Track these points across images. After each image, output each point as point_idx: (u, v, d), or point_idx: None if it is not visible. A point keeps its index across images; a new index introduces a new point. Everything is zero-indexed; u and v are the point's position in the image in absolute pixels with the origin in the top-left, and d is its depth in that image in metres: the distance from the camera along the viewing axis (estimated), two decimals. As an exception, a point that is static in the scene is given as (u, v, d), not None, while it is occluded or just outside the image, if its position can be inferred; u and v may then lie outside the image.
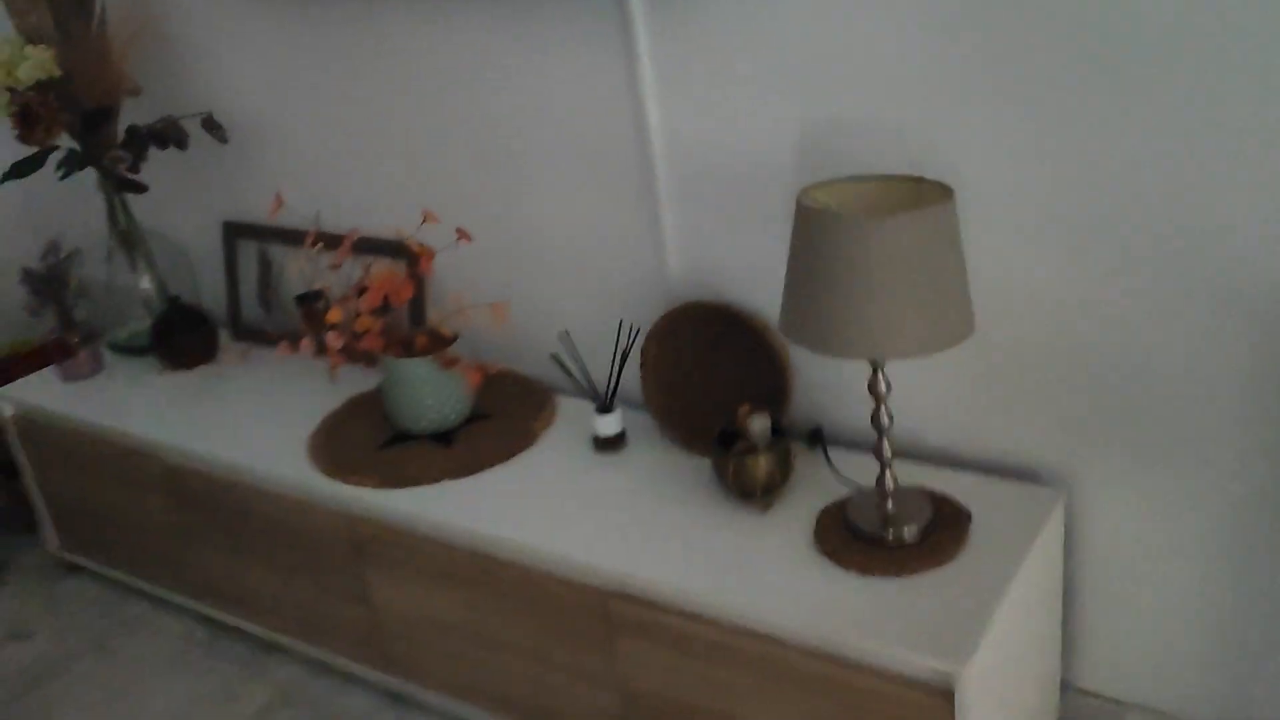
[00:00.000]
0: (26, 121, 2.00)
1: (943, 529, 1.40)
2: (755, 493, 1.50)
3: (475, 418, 1.82)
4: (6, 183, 2.07)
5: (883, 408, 1.36)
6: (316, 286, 2.14)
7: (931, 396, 1.56)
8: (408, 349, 1.79)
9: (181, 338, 2.12)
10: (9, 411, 2.17)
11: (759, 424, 1.51)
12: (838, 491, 1.52)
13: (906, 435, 1.60)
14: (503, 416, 1.82)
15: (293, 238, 2.13)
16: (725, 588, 1.36)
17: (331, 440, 1.81)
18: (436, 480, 1.67)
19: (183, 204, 2.32)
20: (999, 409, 1.51)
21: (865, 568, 1.35)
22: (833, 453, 1.61)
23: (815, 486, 1.54)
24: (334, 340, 1.75)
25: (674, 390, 1.70)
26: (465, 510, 1.60)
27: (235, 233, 2.25)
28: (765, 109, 1.52)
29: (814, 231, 1.23)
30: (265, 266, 2.22)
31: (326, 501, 1.71)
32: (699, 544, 1.45)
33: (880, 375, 1.35)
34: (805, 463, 1.59)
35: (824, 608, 1.30)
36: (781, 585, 1.35)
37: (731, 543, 1.45)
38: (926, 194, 1.29)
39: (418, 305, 1.98)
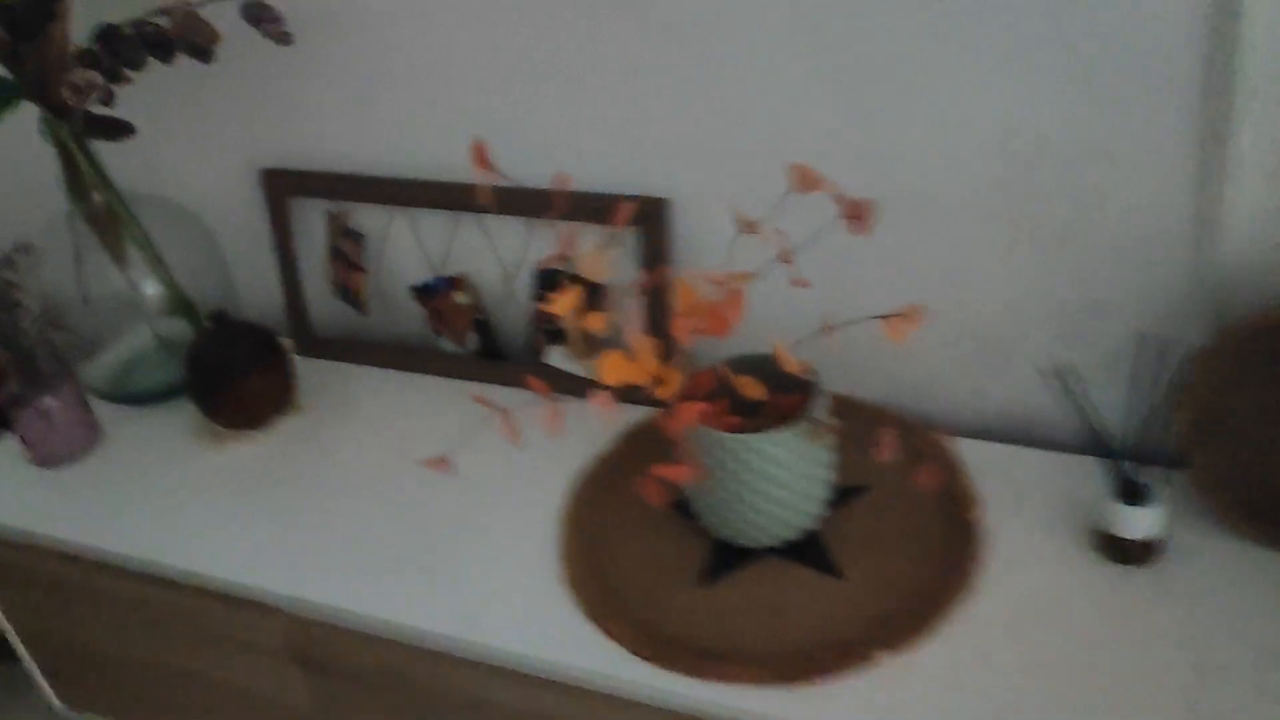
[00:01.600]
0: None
1: None
2: None
3: (841, 495, 1.07)
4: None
5: None
6: (451, 274, 1.31)
7: None
8: (743, 411, 1.01)
9: (242, 381, 1.26)
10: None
11: None
12: None
13: None
14: (888, 489, 1.07)
15: (394, 194, 1.28)
16: None
17: (599, 567, 1.03)
18: (858, 660, 0.93)
19: (197, 149, 1.40)
20: None
21: None
22: None
23: None
24: (606, 404, 0.96)
25: (1228, 447, 0.97)
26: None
27: (282, 188, 1.36)
28: None
29: None
30: (348, 238, 1.35)
31: (643, 695, 0.96)
32: None
33: None
34: None
35: None
36: None
37: None
38: None
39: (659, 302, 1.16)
